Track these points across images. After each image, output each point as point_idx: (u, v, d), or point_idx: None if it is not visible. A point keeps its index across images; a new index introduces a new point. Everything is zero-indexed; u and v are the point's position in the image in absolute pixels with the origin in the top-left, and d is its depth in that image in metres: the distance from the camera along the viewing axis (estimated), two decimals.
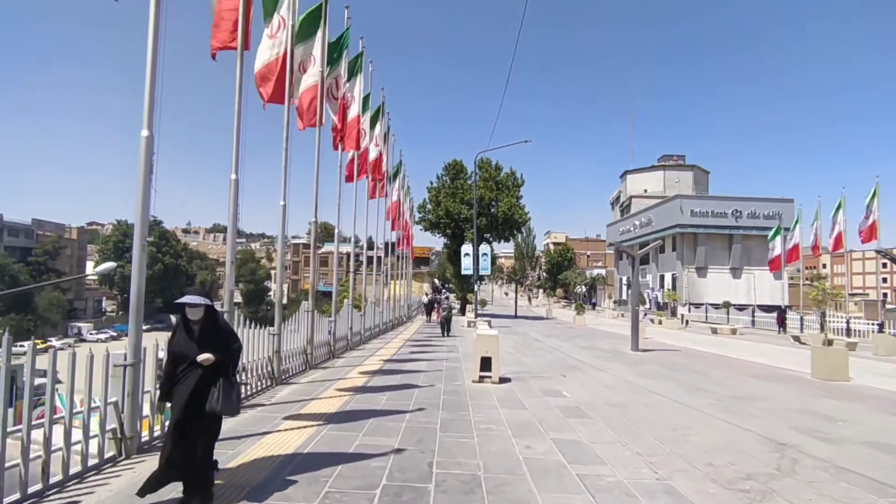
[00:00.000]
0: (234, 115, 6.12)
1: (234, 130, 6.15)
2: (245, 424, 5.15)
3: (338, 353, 11.10)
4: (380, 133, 16.00)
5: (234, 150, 6.21)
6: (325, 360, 10.01)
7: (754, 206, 40.76)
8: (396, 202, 21.16)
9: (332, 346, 10.51)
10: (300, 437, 4.74)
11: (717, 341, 19.77)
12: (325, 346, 10.10)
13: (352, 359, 10.80)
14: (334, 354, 10.62)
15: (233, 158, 6.18)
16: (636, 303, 14.99)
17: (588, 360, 12.34)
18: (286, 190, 7.59)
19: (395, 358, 11.20)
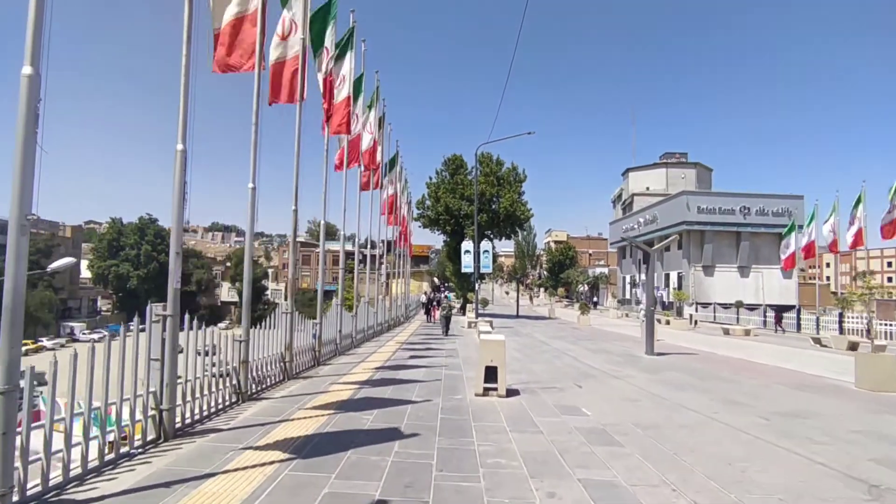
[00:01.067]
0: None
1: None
2: (186, 461, 4.02)
3: (324, 359, 9.97)
4: (374, 119, 14.88)
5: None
6: (307, 369, 8.88)
7: (763, 202, 39.62)
8: (393, 196, 20.03)
9: (316, 352, 9.39)
10: (252, 482, 3.62)
11: (734, 343, 18.65)
12: (308, 353, 8.98)
13: (340, 366, 9.67)
14: (319, 361, 9.49)
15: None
16: (651, 303, 13.88)
17: (601, 365, 11.23)
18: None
19: (389, 364, 10.07)
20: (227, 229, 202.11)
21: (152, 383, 4.44)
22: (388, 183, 19.33)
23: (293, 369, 8.01)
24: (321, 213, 10.56)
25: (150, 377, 4.44)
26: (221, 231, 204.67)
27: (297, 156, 7.92)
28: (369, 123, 14.74)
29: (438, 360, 11.17)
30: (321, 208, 9.85)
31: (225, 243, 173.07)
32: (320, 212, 11.02)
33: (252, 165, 6.29)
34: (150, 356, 4.38)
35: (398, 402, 6.57)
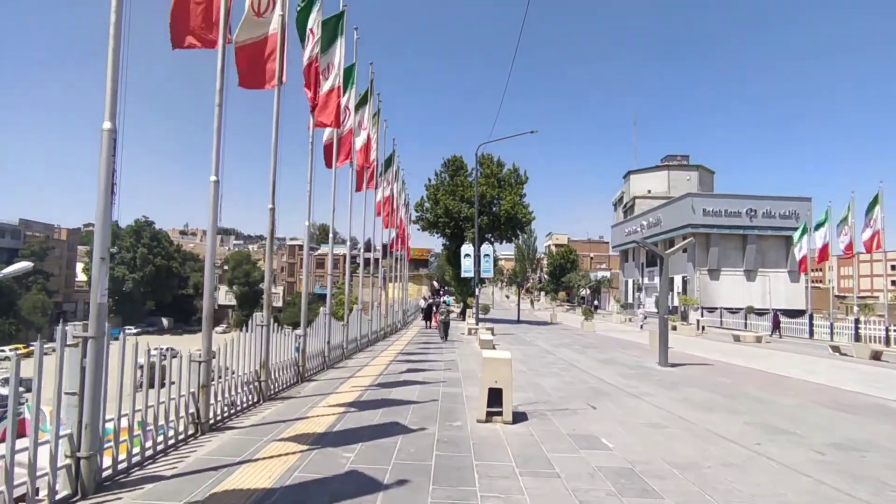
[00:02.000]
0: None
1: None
2: None
3: (310, 374, 9.01)
4: (368, 115, 13.96)
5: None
6: (289, 387, 7.92)
7: (770, 204, 38.73)
8: (389, 197, 19.10)
9: (300, 368, 8.42)
10: None
11: (748, 352, 17.68)
12: (289, 369, 8.02)
13: (326, 383, 8.70)
14: (304, 377, 8.53)
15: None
16: (666, 309, 12.92)
17: (613, 379, 10.27)
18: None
19: (381, 381, 9.10)
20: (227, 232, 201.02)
21: (68, 424, 3.49)
22: (384, 183, 18.41)
23: (270, 389, 7.05)
24: (318, 216, 9.66)
25: (67, 416, 3.50)
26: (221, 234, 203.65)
27: (275, 147, 6.98)
28: (363, 119, 13.83)
29: (436, 373, 10.21)
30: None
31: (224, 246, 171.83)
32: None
33: (214, 155, 5.35)
34: (60, 389, 3.42)
35: (388, 430, 5.61)
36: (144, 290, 74.16)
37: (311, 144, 8.71)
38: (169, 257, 77.86)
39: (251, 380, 6.64)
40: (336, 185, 10.47)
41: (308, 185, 8.63)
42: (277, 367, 7.47)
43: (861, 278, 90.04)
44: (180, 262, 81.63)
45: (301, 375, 8.44)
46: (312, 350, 9.26)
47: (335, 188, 10.39)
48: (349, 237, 12.07)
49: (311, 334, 9.24)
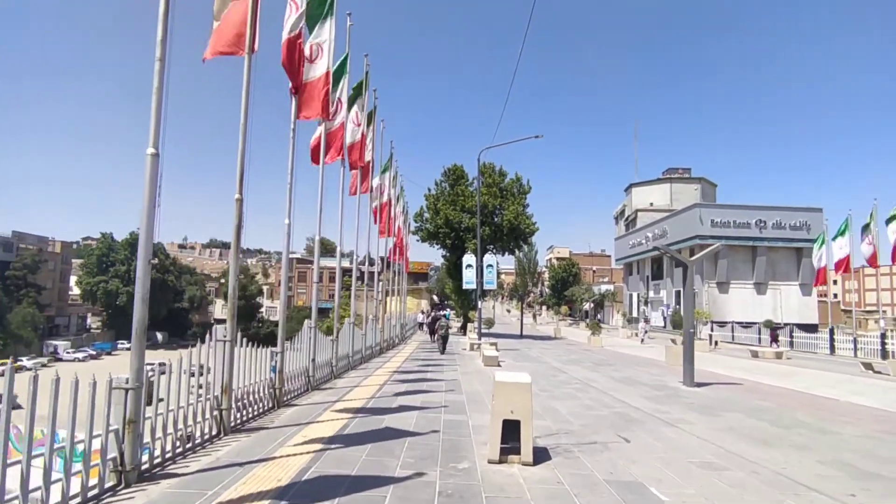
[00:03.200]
0: None
1: None
2: None
3: (288, 398, 7.73)
4: (362, 110, 12.86)
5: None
6: (260, 415, 6.63)
7: (780, 215, 37.59)
8: (386, 203, 17.95)
9: (276, 391, 7.15)
10: None
11: (773, 369, 16.38)
12: (262, 393, 6.74)
13: (307, 409, 7.42)
14: (280, 402, 7.24)
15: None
16: (691, 324, 11.67)
17: (638, 402, 8.99)
18: None
19: (372, 406, 7.82)
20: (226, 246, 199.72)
21: None
22: (381, 188, 17.27)
23: (233, 420, 5.78)
24: (313, 226, 8.55)
25: None
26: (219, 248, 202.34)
27: (244, 125, 5.81)
28: (356, 114, 12.74)
29: (437, 395, 8.92)
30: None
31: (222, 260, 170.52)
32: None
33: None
34: None
35: (374, 478, 4.34)
36: None
37: (294, 134, 7.55)
38: (164, 271, 76.44)
39: (211, 407, 5.38)
40: (324, 184, 9.30)
41: (288, 176, 7.45)
42: (246, 392, 6.21)
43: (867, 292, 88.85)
44: (176, 275, 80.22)
45: (278, 400, 7.16)
46: (293, 370, 7.99)
47: (322, 187, 9.22)
48: (339, 243, 10.85)
49: (292, 351, 7.98)
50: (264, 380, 6.86)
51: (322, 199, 9.15)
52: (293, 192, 7.51)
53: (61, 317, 77.43)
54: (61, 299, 78.33)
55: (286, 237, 7.39)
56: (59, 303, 77.35)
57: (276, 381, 7.16)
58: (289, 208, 7.43)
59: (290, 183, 7.45)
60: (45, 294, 72.03)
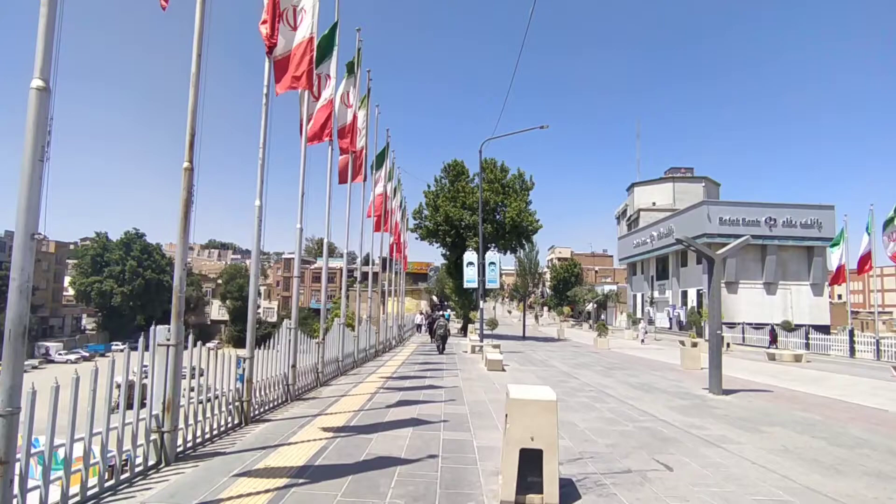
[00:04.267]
0: None
1: None
2: None
3: (260, 413, 6.58)
4: (353, 90, 11.74)
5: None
6: (219, 435, 5.48)
7: (790, 213, 36.45)
8: (382, 196, 16.81)
9: (243, 405, 6.00)
10: None
11: (799, 374, 15.25)
12: (224, 407, 5.59)
13: (279, 426, 6.26)
14: (249, 418, 6.09)
15: None
16: (718, 325, 10.52)
17: (665, 413, 7.84)
18: None
19: (358, 422, 6.66)
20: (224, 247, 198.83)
21: None
22: (378, 180, 16.15)
23: (181, 444, 4.63)
24: (323, 230, 7.48)
25: None
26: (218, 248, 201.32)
27: (196, 83, 4.68)
28: (347, 94, 11.62)
29: (435, 406, 7.77)
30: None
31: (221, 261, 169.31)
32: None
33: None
34: None
35: None
36: (134, 304, 71.49)
37: (266, 102, 6.41)
38: (160, 271, 75.33)
39: (148, 430, 4.24)
40: (305, 163, 8.16)
41: (260, 151, 6.31)
42: (198, 408, 5.06)
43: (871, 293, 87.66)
44: (171, 275, 79.02)
45: (245, 415, 6.01)
46: (267, 378, 6.83)
47: (304, 165, 8.08)
48: (327, 234, 9.71)
49: (266, 358, 6.83)
50: (228, 391, 5.72)
51: (304, 181, 8.00)
52: (266, 171, 6.38)
53: (55, 318, 76.23)
54: (55, 300, 77.16)
55: (256, 225, 6.24)
56: (53, 304, 76.18)
57: (244, 393, 6.01)
58: (260, 188, 6.30)
59: (261, 158, 6.32)
60: (39, 294, 70.87)
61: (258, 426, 6.03)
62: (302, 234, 7.91)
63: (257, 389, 6.52)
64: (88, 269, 70.94)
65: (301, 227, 7.90)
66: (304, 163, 8.10)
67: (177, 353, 4.46)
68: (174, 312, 4.48)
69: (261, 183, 6.28)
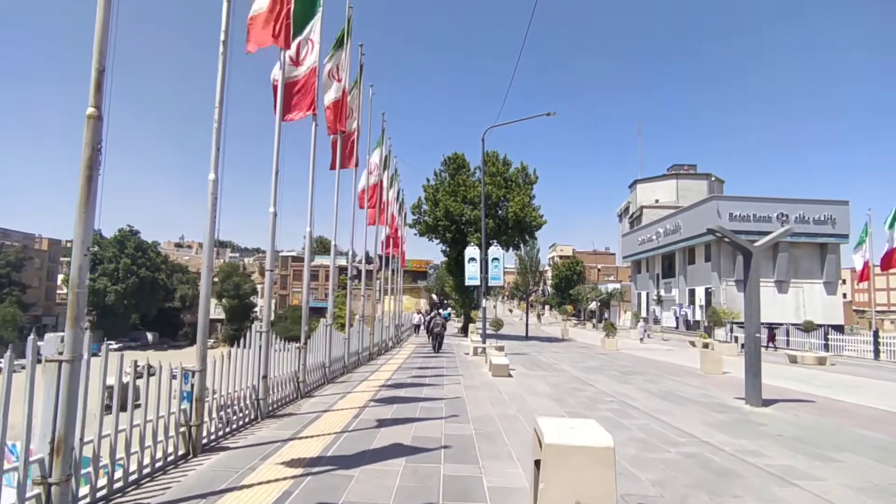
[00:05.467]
0: None
1: None
2: None
3: (213, 440, 5.30)
4: (343, 64, 10.45)
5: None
6: (151, 476, 4.21)
7: (803, 208, 35.16)
8: (376, 187, 15.53)
9: (189, 432, 4.72)
10: None
11: (832, 379, 14.03)
12: (159, 439, 4.32)
13: (238, 455, 5.00)
14: (199, 447, 4.81)
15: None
16: (757, 326, 9.26)
17: (709, 434, 6.57)
18: None
19: (338, 450, 5.39)
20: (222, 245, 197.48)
21: None
22: (371, 168, 14.87)
23: (85, 494, 3.36)
24: (273, 198, 6.27)
25: None
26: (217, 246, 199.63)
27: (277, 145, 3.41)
28: (336, 68, 10.34)
29: (434, 426, 6.50)
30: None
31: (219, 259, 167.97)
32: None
33: None
34: None
35: None
36: (128, 302, 70.18)
37: (224, 39, 5.13)
38: (155, 269, 74.02)
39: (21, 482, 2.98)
40: (280, 135, 6.89)
41: (216, 110, 5.04)
42: (119, 442, 3.79)
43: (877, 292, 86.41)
44: (167, 273, 77.76)
45: (194, 444, 4.74)
46: (226, 394, 5.56)
47: (278, 138, 6.80)
48: (309, 223, 8.45)
49: (227, 369, 5.55)
50: (168, 414, 4.46)
51: (278, 157, 6.72)
52: (223, 138, 5.11)
53: (48, 316, 74.93)
54: (49, 298, 75.90)
55: (210, 203, 4.97)
56: (46, 302, 74.92)
57: (192, 415, 4.74)
58: (215, 159, 5.03)
59: (217, 121, 5.05)
60: (32, 293, 69.67)
61: (209, 458, 4.75)
62: (276, 218, 6.64)
63: (214, 409, 5.25)
64: None
65: (275, 210, 6.63)
66: (279, 135, 6.83)
67: (72, 371, 3.19)
68: (70, 315, 3.23)
69: (216, 151, 5.02)
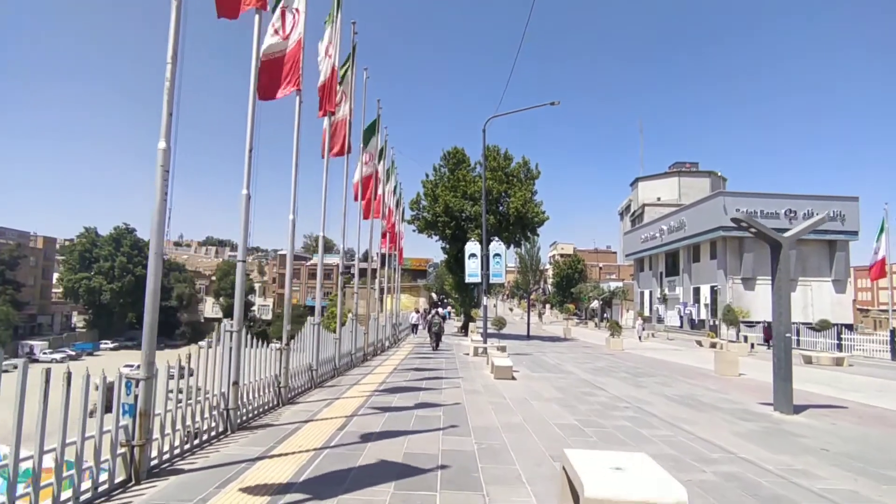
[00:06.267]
0: None
1: None
2: None
3: (171, 458, 4.47)
4: (334, 38, 9.60)
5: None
6: (101, 497, 3.38)
7: (811, 204, 34.33)
8: (371, 178, 14.68)
9: (133, 453, 3.89)
10: None
11: (858, 382, 13.24)
12: (93, 464, 3.47)
13: (186, 486, 4.16)
14: (144, 472, 3.98)
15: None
16: (788, 326, 8.42)
17: (744, 448, 5.74)
18: None
19: (315, 472, 4.56)
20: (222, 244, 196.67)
21: None
22: (365, 158, 14.03)
23: None
24: (245, 180, 5.51)
25: None
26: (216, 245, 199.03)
27: None
28: (327, 44, 9.50)
29: (430, 438, 5.67)
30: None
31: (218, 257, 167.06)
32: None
33: None
34: None
35: None
36: (124, 301, 69.34)
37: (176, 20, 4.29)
38: None
39: None
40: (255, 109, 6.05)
41: (168, 66, 4.21)
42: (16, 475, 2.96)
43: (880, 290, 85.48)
44: (164, 272, 76.80)
45: (136, 468, 3.90)
46: (184, 404, 4.72)
47: (252, 111, 5.97)
48: (292, 210, 7.61)
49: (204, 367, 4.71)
50: (98, 434, 3.62)
51: (252, 134, 5.89)
52: (176, 103, 4.27)
53: (44, 315, 74.03)
54: (44, 297, 74.95)
55: (159, 174, 4.14)
56: (41, 301, 73.98)
57: (134, 433, 3.91)
58: (165, 127, 4.20)
59: (168, 78, 4.22)
60: (26, 291, 68.75)
61: (154, 485, 3.92)
62: (250, 201, 5.80)
63: (168, 423, 4.42)
64: (77, 266, 68.77)
65: (248, 192, 5.79)
66: (253, 109, 5.98)
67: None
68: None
69: (167, 116, 4.18)
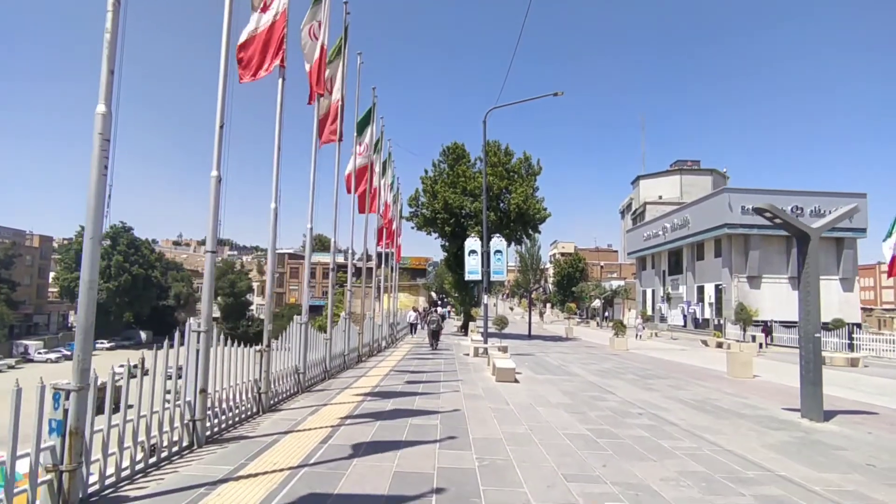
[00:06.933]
0: None
1: None
2: None
3: (115, 483, 3.79)
4: (324, 16, 8.91)
5: None
6: None
7: (818, 201, 33.63)
8: (365, 170, 13.99)
9: (61, 480, 3.21)
10: None
11: (879, 385, 12.59)
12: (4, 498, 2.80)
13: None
14: (112, 487, 3.29)
15: None
16: (817, 326, 7.76)
17: (780, 463, 5.06)
18: None
19: (287, 498, 3.87)
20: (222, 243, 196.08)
21: None
22: (358, 148, 13.34)
23: None
24: (215, 158, 4.90)
25: None
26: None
27: None
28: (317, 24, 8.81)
29: (425, 454, 4.99)
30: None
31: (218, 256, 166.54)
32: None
33: None
34: None
35: None
36: (120, 300, 68.60)
37: None
38: (148, 266, 72.41)
39: None
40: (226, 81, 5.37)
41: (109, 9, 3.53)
42: None
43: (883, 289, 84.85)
44: (161, 271, 76.17)
45: (65, 499, 3.21)
46: (135, 416, 4.04)
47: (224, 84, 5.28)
48: (274, 198, 6.93)
49: (134, 382, 4.03)
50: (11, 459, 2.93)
51: (223, 110, 5.20)
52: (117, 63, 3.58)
53: (40, 314, 73.38)
54: (40, 296, 74.29)
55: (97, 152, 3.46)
56: (37, 300, 73.33)
57: (64, 455, 3.23)
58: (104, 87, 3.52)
59: (110, 23, 3.53)
60: (22, 290, 68.06)
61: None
62: (220, 183, 5.13)
63: (113, 440, 3.74)
64: (73, 265, 67.98)
65: (218, 174, 5.11)
66: (225, 81, 5.30)
67: None
68: None
69: (107, 74, 3.49)
